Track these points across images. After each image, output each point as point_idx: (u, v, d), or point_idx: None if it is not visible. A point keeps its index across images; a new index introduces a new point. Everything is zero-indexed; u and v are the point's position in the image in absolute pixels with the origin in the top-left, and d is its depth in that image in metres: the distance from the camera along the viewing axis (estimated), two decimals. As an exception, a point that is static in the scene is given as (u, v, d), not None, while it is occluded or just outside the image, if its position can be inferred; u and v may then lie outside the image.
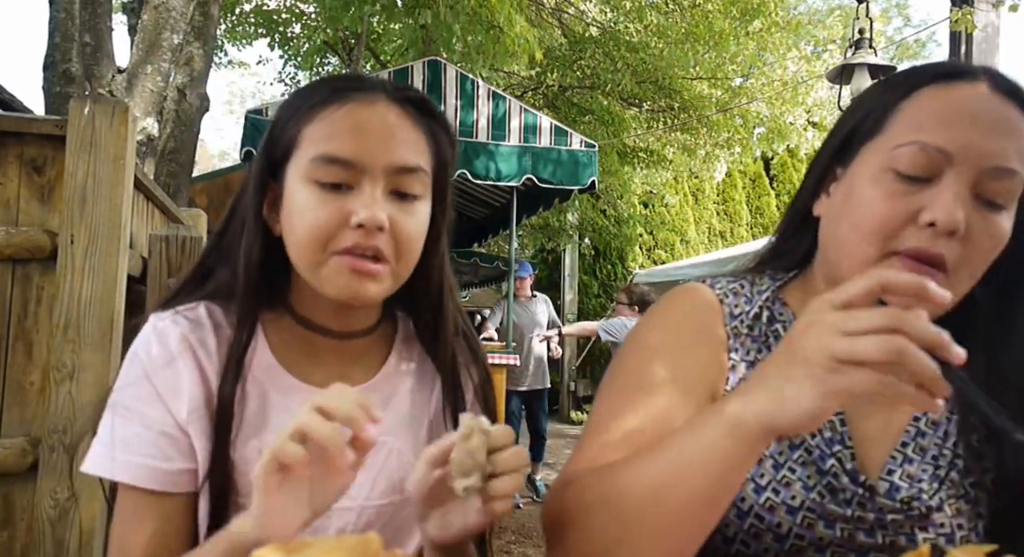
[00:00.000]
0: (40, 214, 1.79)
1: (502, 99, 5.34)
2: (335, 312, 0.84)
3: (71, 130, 1.73)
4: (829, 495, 0.76)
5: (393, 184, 0.78)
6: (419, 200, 0.80)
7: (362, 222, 0.74)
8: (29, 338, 1.77)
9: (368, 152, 0.76)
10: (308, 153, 0.77)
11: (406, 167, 0.78)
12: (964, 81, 0.75)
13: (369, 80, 0.83)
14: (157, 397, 0.76)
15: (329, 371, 0.84)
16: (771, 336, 0.85)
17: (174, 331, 0.79)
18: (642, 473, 0.66)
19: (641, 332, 0.87)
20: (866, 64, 5.51)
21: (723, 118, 9.46)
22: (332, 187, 0.76)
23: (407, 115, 0.81)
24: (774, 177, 13.20)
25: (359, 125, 0.77)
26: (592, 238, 11.15)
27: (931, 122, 0.74)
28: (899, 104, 0.77)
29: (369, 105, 0.79)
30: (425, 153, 0.82)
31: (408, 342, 0.92)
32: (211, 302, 0.83)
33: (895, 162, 0.74)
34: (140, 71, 4.36)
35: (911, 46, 16.60)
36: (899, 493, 0.76)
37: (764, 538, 0.77)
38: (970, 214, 0.71)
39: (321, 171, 0.76)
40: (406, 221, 0.78)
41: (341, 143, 0.76)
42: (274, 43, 10.59)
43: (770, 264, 0.93)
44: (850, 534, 0.75)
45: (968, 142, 0.71)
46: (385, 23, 7.40)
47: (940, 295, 0.53)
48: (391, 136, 0.78)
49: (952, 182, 0.71)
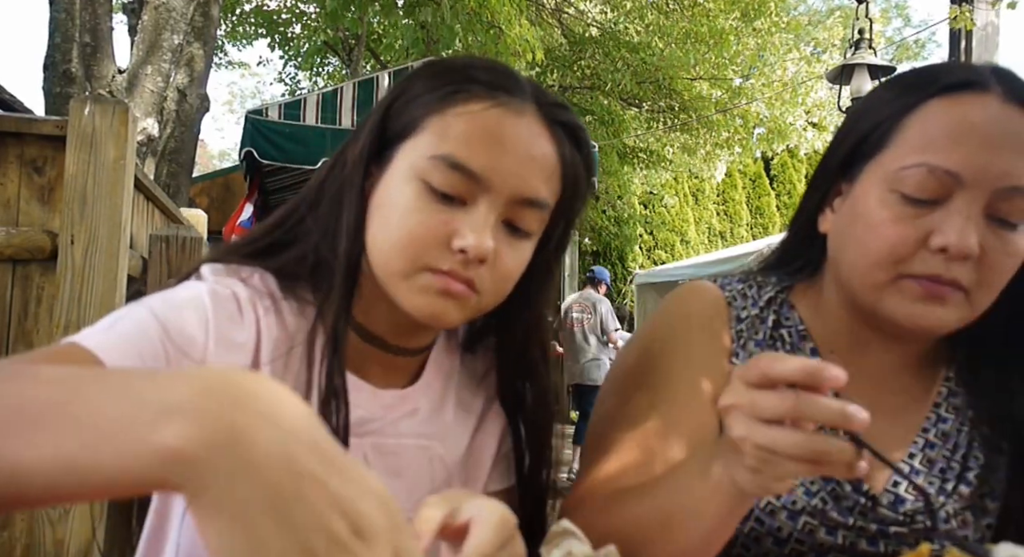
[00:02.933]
0: (40, 214, 1.79)
1: (502, 99, 5.34)
2: (397, 328, 0.74)
3: (71, 130, 1.73)
4: (832, 502, 0.75)
5: (510, 213, 0.68)
6: (530, 238, 0.71)
7: (466, 248, 0.65)
8: (29, 338, 1.77)
9: (500, 171, 0.66)
10: (430, 147, 0.67)
11: (533, 200, 0.68)
12: (973, 93, 0.70)
13: (522, 83, 0.71)
14: (202, 335, 0.64)
15: (377, 375, 0.77)
16: (776, 340, 0.84)
17: (242, 290, 0.69)
18: (643, 513, 0.68)
19: (650, 330, 0.87)
20: (866, 64, 5.51)
21: (723, 118, 9.46)
22: (443, 196, 0.66)
23: (555, 140, 0.70)
24: (774, 177, 13.20)
25: (501, 136, 0.66)
26: (592, 238, 11.16)
27: (938, 141, 0.69)
28: (904, 118, 0.73)
29: (518, 116, 0.68)
30: (555, 186, 0.71)
31: (451, 350, 0.84)
32: (266, 273, 0.73)
33: (902, 184, 0.70)
34: (140, 71, 4.36)
35: (911, 46, 16.59)
36: (903, 506, 0.75)
37: (764, 542, 0.76)
38: (983, 236, 0.68)
39: (439, 174, 0.66)
40: (509, 257, 0.69)
41: (474, 151, 0.66)
42: (274, 43, 10.60)
43: (775, 271, 0.91)
44: (852, 542, 0.75)
45: (978, 163, 0.68)
46: (385, 24, 7.40)
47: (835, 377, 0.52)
48: (531, 160, 0.67)
49: (963, 205, 0.68)
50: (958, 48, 5.93)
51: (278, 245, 0.75)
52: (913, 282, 0.70)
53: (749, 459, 0.55)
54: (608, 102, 9.51)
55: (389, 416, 0.76)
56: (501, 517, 0.54)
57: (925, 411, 0.80)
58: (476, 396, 0.84)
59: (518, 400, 0.81)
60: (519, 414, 0.82)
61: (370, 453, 0.75)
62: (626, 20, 9.31)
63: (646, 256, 11.97)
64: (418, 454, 0.78)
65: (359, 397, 0.74)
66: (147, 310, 0.64)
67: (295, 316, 0.72)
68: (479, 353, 0.85)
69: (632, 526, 0.67)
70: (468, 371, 0.85)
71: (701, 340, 0.83)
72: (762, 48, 9.29)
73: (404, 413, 0.77)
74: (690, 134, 9.91)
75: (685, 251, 12.04)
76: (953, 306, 0.70)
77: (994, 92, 0.70)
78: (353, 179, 0.71)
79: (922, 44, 17.84)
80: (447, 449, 0.80)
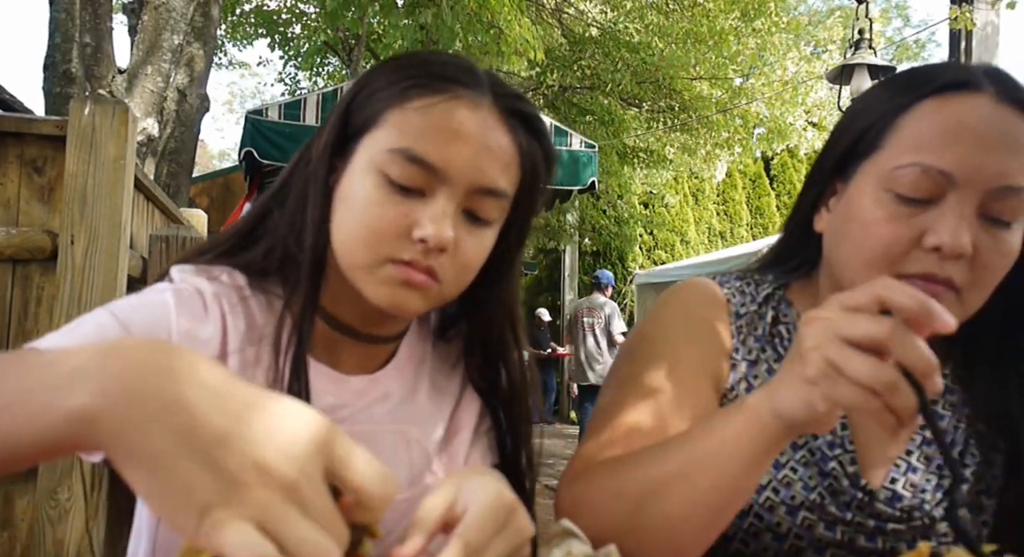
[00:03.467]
0: (40, 214, 1.79)
1: (502, 99, 5.34)
2: (366, 316, 0.76)
3: (71, 130, 1.73)
4: (830, 497, 0.76)
5: (469, 203, 0.70)
6: (490, 226, 0.73)
7: (426, 238, 0.66)
8: (29, 338, 1.77)
9: (457, 162, 0.68)
10: (388, 140, 0.69)
11: (491, 189, 0.70)
12: (966, 93, 0.71)
13: (477, 75, 0.72)
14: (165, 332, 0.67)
15: (347, 362, 0.78)
16: (775, 336, 0.85)
17: (207, 286, 0.71)
18: (658, 466, 0.66)
19: (650, 323, 0.87)
20: (866, 64, 5.51)
21: (723, 118, 9.46)
22: (403, 188, 0.68)
23: (511, 130, 0.71)
24: (774, 177, 13.20)
25: (457, 129, 0.68)
26: (592, 238, 11.16)
27: (932, 141, 0.70)
28: (897, 118, 0.74)
29: (474, 109, 0.69)
30: (514, 176, 0.72)
31: (423, 336, 0.86)
32: (235, 270, 0.75)
33: (895, 184, 0.71)
34: (140, 72, 4.36)
35: (911, 46, 16.59)
36: (900, 502, 0.76)
37: (763, 537, 0.77)
38: (976, 235, 0.69)
39: (398, 167, 0.67)
40: (470, 245, 0.70)
41: (431, 144, 0.67)
42: (274, 44, 10.59)
43: (772, 269, 0.92)
44: (850, 538, 0.75)
45: (972, 163, 0.68)
46: (385, 24, 7.40)
47: (945, 322, 0.53)
48: (487, 151, 0.69)
49: (956, 205, 0.69)
50: (958, 48, 5.93)
51: (247, 242, 0.77)
52: (907, 282, 0.70)
53: (811, 369, 0.54)
54: (608, 102, 9.51)
55: (360, 402, 0.78)
56: (496, 497, 0.55)
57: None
58: (451, 380, 0.85)
59: (490, 383, 0.83)
60: (494, 397, 0.83)
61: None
62: (626, 20, 9.31)
63: (646, 256, 11.97)
64: (393, 439, 0.79)
65: (328, 385, 0.76)
66: (108, 313, 0.66)
67: (264, 309, 0.74)
68: (452, 339, 0.87)
69: (647, 482, 0.66)
70: (441, 356, 0.86)
71: (701, 331, 0.84)
72: (762, 48, 9.29)
73: (375, 398, 0.79)
74: (690, 134, 9.91)
75: (685, 251, 12.04)
76: (946, 305, 0.70)
77: (987, 92, 0.71)
78: (318, 173, 0.73)
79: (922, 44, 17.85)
80: (423, 433, 0.81)
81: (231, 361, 0.71)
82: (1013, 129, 0.70)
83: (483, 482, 0.58)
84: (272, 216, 0.77)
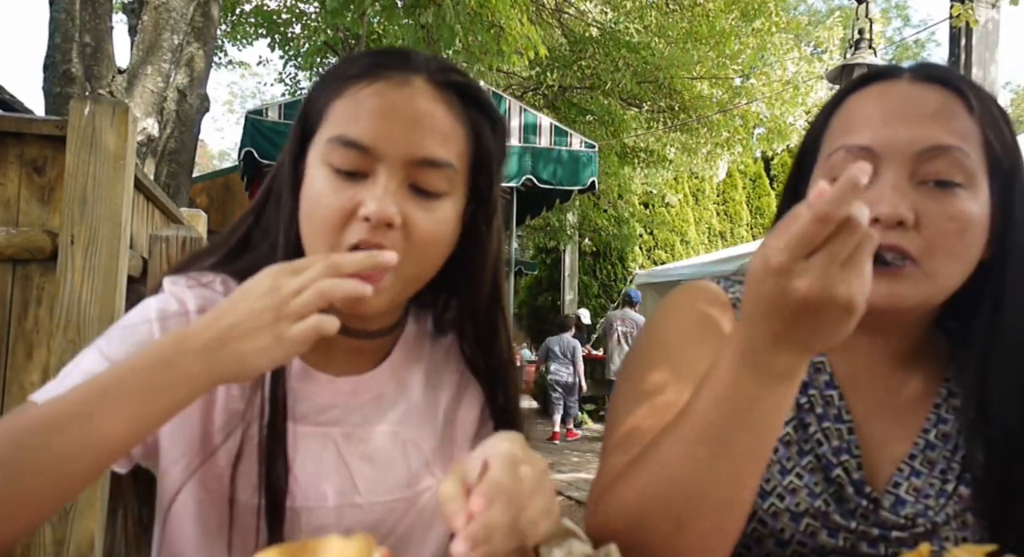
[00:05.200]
0: (40, 214, 1.79)
1: (502, 99, 5.35)
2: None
3: (71, 130, 1.73)
4: (835, 503, 0.75)
5: (413, 177, 0.71)
6: (443, 198, 0.73)
7: (369, 216, 0.68)
8: (29, 338, 1.77)
9: (388, 138, 0.69)
10: (328, 132, 0.72)
11: (429, 160, 0.71)
12: (884, 81, 0.76)
13: (411, 58, 0.75)
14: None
15: (339, 361, 0.79)
16: None
17: (193, 299, 0.74)
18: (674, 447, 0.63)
19: (659, 325, 0.86)
20: (866, 64, 5.51)
21: (723, 118, 9.46)
22: (347, 174, 0.70)
23: (444, 101, 0.73)
24: (774, 177, 13.20)
25: (384, 108, 0.70)
26: (592, 238, 11.16)
27: (853, 125, 0.75)
28: (829, 119, 0.79)
29: (400, 86, 0.71)
30: (459, 146, 0.74)
31: (420, 337, 0.86)
32: (228, 278, 0.78)
33: (834, 172, 0.74)
34: (140, 72, 4.36)
35: (911, 46, 16.59)
36: (904, 508, 0.75)
37: (766, 543, 0.76)
38: (918, 202, 0.70)
39: (337, 154, 0.70)
40: (422, 219, 0.71)
41: (360, 126, 0.70)
42: (274, 43, 10.58)
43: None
44: (853, 545, 0.75)
45: (888, 134, 0.72)
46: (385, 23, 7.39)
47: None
48: (417, 123, 0.70)
49: (889, 176, 0.71)
50: (958, 46, 5.93)
51: (240, 249, 0.80)
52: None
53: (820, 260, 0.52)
54: (608, 102, 9.50)
55: (353, 403, 0.79)
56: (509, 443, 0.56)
57: (925, 412, 0.80)
58: (449, 374, 0.86)
59: (484, 363, 0.85)
60: (486, 376, 0.85)
61: (341, 441, 0.78)
62: (626, 20, 9.30)
63: (646, 256, 11.96)
64: (388, 440, 0.79)
65: (315, 387, 0.77)
66: (96, 351, 0.70)
67: None
68: (448, 332, 0.88)
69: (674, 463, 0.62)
70: (439, 352, 0.87)
71: (711, 332, 0.83)
72: (762, 48, 9.29)
73: (368, 399, 0.80)
74: (690, 134, 9.90)
75: (685, 251, 12.04)
76: (908, 279, 0.71)
77: (904, 77, 0.75)
78: (284, 180, 0.76)
79: (922, 44, 17.85)
80: (419, 433, 0.81)
81: None
82: (930, 97, 0.73)
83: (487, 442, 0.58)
84: (260, 223, 0.79)
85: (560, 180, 5.36)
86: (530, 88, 9.75)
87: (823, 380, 0.81)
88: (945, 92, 0.73)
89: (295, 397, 0.76)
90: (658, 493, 0.63)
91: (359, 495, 0.77)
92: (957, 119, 0.72)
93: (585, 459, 7.26)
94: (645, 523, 0.63)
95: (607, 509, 0.68)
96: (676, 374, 0.79)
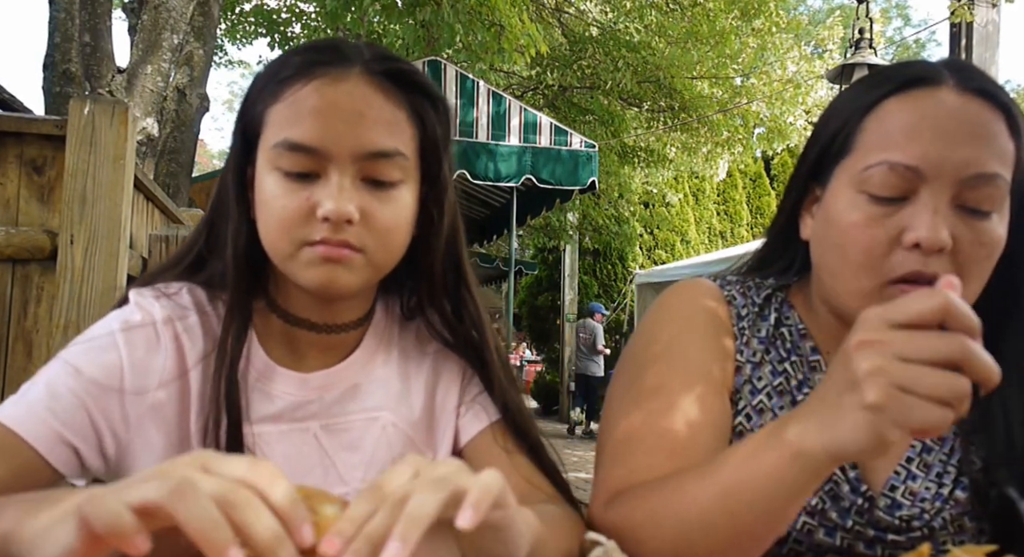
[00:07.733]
0: (40, 214, 1.79)
1: (502, 99, 5.34)
2: (316, 305, 0.78)
3: (71, 130, 1.73)
4: (831, 501, 0.75)
5: (365, 171, 0.71)
6: (398, 186, 0.73)
7: (327, 216, 0.68)
8: (29, 338, 1.77)
9: (333, 137, 0.69)
10: (272, 137, 0.71)
11: (378, 152, 0.71)
12: (927, 87, 0.71)
13: (344, 51, 0.74)
14: (117, 366, 0.71)
15: (310, 359, 0.80)
16: (778, 339, 0.84)
17: (159, 311, 0.75)
18: (697, 496, 0.64)
19: (654, 324, 0.86)
20: (866, 64, 5.51)
21: (723, 118, 9.46)
22: (298, 176, 0.70)
23: (383, 91, 0.72)
24: (774, 177, 13.20)
25: (324, 107, 0.70)
26: (592, 238, 11.15)
27: (896, 138, 0.71)
28: (863, 120, 0.74)
29: (337, 82, 0.71)
30: (405, 133, 0.73)
31: (389, 324, 0.87)
32: (195, 286, 0.79)
33: (867, 184, 0.71)
34: (140, 71, 4.36)
35: (911, 46, 16.59)
36: (900, 510, 0.75)
37: None
38: (955, 227, 0.68)
39: (284, 159, 0.70)
40: (381, 211, 0.71)
41: (303, 128, 0.69)
42: (274, 43, 10.57)
43: (759, 272, 0.91)
44: (850, 545, 0.75)
45: (937, 156, 0.68)
46: (385, 23, 7.39)
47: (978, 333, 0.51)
48: (360, 117, 0.70)
49: (929, 199, 0.69)
50: (958, 46, 5.93)
51: (198, 263, 0.81)
52: (896, 289, 0.70)
53: (875, 395, 0.50)
54: (608, 102, 9.49)
55: (328, 396, 0.80)
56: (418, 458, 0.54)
57: None
58: (422, 354, 0.87)
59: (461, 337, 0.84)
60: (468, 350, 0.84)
61: (320, 434, 0.79)
62: (626, 20, 9.29)
63: (646, 256, 11.96)
64: (369, 426, 0.81)
65: (286, 385, 0.78)
66: (61, 363, 0.71)
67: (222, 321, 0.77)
68: (416, 316, 0.88)
69: (676, 517, 0.65)
70: (409, 335, 0.87)
71: (707, 330, 0.83)
72: (762, 48, 9.28)
73: (343, 390, 0.80)
74: (690, 134, 9.89)
75: (685, 251, 12.03)
76: None
77: (948, 84, 0.71)
78: (231, 188, 0.76)
79: (922, 44, 17.85)
80: (399, 416, 0.83)
81: (193, 375, 0.75)
82: (977, 117, 0.70)
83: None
84: (219, 230, 0.79)
85: (560, 180, 5.36)
86: (530, 88, 9.74)
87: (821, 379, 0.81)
88: (990, 108, 0.70)
89: (268, 398, 0.77)
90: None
91: (343, 483, 0.78)
92: (999, 141, 0.70)
93: (585, 459, 7.26)
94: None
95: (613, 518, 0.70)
96: (677, 371, 0.79)
